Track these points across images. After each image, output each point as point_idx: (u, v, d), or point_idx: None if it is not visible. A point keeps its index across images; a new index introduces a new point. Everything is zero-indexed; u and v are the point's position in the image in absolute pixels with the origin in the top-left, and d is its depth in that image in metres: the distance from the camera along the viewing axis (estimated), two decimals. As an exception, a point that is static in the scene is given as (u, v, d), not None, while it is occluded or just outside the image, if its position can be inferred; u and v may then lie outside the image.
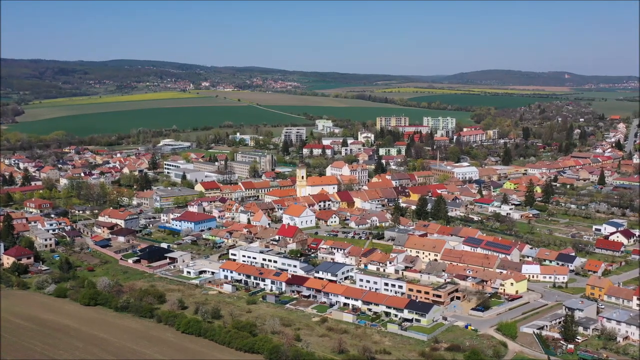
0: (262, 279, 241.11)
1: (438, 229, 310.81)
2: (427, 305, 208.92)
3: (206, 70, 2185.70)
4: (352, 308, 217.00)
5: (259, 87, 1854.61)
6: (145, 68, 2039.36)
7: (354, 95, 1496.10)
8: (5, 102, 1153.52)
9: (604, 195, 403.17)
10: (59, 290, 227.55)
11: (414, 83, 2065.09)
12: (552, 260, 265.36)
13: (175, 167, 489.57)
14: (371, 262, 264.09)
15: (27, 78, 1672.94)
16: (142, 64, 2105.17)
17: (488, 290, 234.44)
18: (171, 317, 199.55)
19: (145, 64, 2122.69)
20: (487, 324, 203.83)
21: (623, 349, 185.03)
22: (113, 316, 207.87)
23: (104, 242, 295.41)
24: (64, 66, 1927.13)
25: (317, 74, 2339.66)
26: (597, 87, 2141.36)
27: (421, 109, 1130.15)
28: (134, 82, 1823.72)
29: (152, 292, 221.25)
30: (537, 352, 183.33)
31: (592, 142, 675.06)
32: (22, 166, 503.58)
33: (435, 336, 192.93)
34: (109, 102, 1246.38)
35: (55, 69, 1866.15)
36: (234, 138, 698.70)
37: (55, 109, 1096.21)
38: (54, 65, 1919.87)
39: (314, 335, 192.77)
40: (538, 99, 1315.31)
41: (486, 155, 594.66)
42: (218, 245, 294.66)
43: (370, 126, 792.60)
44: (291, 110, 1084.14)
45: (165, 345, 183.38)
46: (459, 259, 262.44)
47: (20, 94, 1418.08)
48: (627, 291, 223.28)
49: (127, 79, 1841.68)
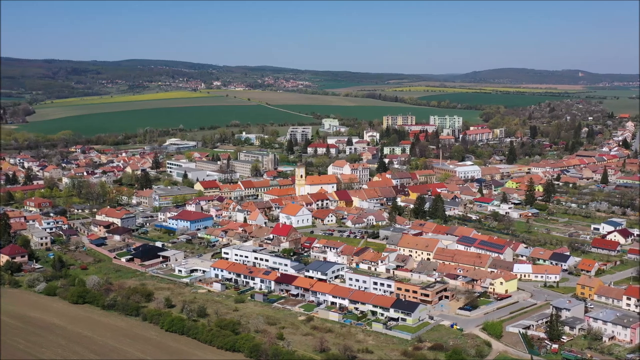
0: (252, 277, 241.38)
1: (434, 228, 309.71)
2: (413, 305, 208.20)
3: (218, 69, 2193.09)
4: (339, 307, 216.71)
5: (270, 87, 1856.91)
6: (158, 68, 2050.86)
7: (364, 94, 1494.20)
8: (17, 102, 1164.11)
9: (605, 194, 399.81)
10: (48, 288, 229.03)
11: (426, 82, 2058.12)
12: (545, 259, 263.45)
13: (177, 167, 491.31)
14: (363, 261, 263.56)
15: (41, 78, 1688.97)
16: (155, 64, 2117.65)
17: (478, 290, 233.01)
18: (156, 316, 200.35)
19: (158, 63, 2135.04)
20: (474, 324, 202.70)
21: (608, 349, 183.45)
22: (99, 314, 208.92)
23: (99, 240, 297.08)
24: (77, 66, 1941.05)
25: (329, 73, 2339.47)
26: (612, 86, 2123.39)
27: (430, 108, 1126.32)
28: (145, 81, 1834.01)
29: (141, 291, 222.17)
30: (520, 352, 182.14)
31: (599, 141, 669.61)
32: (27, 165, 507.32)
33: (419, 335, 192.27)
34: (119, 102, 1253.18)
35: (68, 68, 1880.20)
36: (239, 137, 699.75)
37: (65, 109, 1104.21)
38: (68, 65, 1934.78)
39: (298, 334, 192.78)
40: (550, 98, 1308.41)
41: (491, 154, 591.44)
42: (212, 244, 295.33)
43: (376, 125, 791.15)
44: (299, 109, 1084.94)
45: (147, 343, 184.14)
46: (451, 258, 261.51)
47: (32, 94, 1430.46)
48: (617, 291, 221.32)
49: (139, 79, 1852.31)
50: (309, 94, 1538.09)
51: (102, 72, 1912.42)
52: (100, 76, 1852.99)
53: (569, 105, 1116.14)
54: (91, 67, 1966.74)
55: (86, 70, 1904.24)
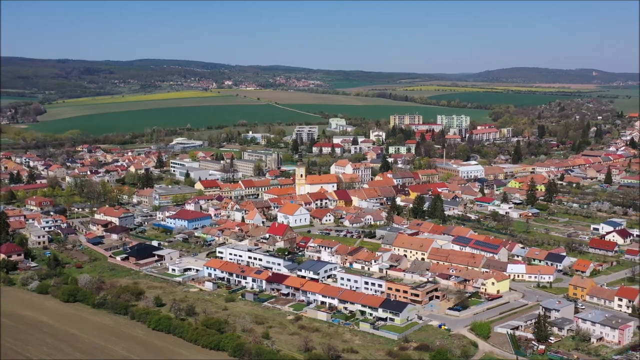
0: (244, 277, 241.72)
1: (431, 227, 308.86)
2: (402, 305, 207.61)
3: (230, 69, 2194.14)
4: (329, 306, 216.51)
5: (282, 86, 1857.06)
6: (170, 67, 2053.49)
7: (374, 94, 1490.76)
8: (29, 102, 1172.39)
9: (608, 194, 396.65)
10: (41, 286, 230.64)
11: (438, 81, 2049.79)
12: (541, 259, 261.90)
13: (180, 166, 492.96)
14: (357, 260, 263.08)
15: (54, 78, 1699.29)
16: (168, 63, 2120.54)
17: (469, 290, 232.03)
18: (144, 314, 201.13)
19: (171, 63, 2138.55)
20: (462, 324, 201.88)
21: (595, 350, 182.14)
22: (89, 312, 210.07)
23: (96, 239, 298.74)
24: (91, 66, 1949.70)
25: (341, 72, 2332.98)
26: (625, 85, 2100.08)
27: (439, 107, 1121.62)
28: (157, 81, 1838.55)
29: (131, 289, 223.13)
30: (506, 353, 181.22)
31: (607, 140, 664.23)
32: (32, 164, 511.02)
33: (405, 335, 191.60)
34: (130, 102, 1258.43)
35: (81, 68, 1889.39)
36: (245, 137, 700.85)
37: (76, 108, 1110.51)
38: (81, 65, 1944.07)
39: (285, 334, 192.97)
40: (561, 97, 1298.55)
41: (497, 154, 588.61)
42: (208, 243, 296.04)
43: (383, 125, 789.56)
44: (308, 108, 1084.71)
45: (133, 341, 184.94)
46: (445, 258, 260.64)
47: (45, 94, 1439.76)
48: (609, 292, 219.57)
49: (152, 78, 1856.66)
50: (319, 94, 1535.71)
51: (114, 71, 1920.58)
52: (113, 76, 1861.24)
53: (579, 104, 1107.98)
54: (104, 67, 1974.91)
55: (99, 70, 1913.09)
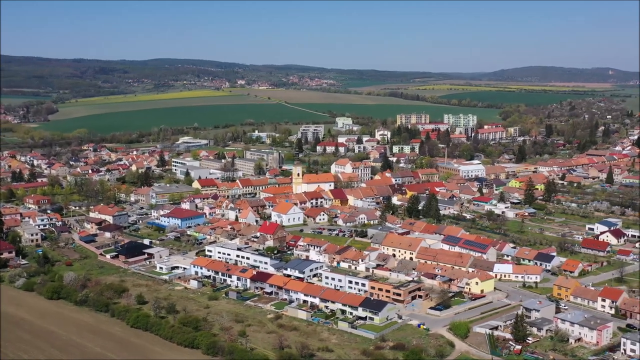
0: (229, 275, 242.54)
1: (423, 227, 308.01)
2: (381, 304, 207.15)
3: (244, 68, 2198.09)
4: (311, 305, 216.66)
5: (295, 85, 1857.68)
6: (184, 67, 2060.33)
7: (386, 93, 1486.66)
8: (41, 101, 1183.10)
9: (607, 194, 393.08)
10: (27, 284, 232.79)
11: (451, 80, 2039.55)
12: (530, 259, 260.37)
13: (181, 165, 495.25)
14: (344, 259, 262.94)
15: (68, 77, 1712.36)
16: (182, 63, 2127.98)
17: (454, 290, 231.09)
18: (123, 312, 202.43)
19: (185, 62, 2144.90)
20: (442, 323, 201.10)
21: (572, 350, 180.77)
22: (71, 310, 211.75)
23: (89, 237, 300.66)
24: (105, 65, 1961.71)
25: (354, 71, 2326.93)
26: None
27: (449, 107, 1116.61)
28: (171, 80, 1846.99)
29: (115, 287, 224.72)
30: (482, 353, 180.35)
31: (613, 140, 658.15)
32: (36, 163, 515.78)
33: (383, 335, 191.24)
34: (142, 101, 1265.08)
35: (96, 68, 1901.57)
36: (250, 135, 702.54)
37: (88, 108, 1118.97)
38: (96, 64, 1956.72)
39: (262, 332, 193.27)
40: (574, 96, 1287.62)
41: (501, 153, 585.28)
42: (199, 241, 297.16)
43: (390, 124, 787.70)
44: (318, 108, 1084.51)
45: (110, 339, 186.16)
46: (433, 257, 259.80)
47: (60, 93, 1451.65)
48: (593, 292, 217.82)
49: (165, 78, 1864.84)
50: (331, 93, 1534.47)
51: (129, 71, 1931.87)
52: (127, 75, 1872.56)
53: (589, 103, 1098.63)
54: (119, 67, 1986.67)
55: (113, 70, 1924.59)
